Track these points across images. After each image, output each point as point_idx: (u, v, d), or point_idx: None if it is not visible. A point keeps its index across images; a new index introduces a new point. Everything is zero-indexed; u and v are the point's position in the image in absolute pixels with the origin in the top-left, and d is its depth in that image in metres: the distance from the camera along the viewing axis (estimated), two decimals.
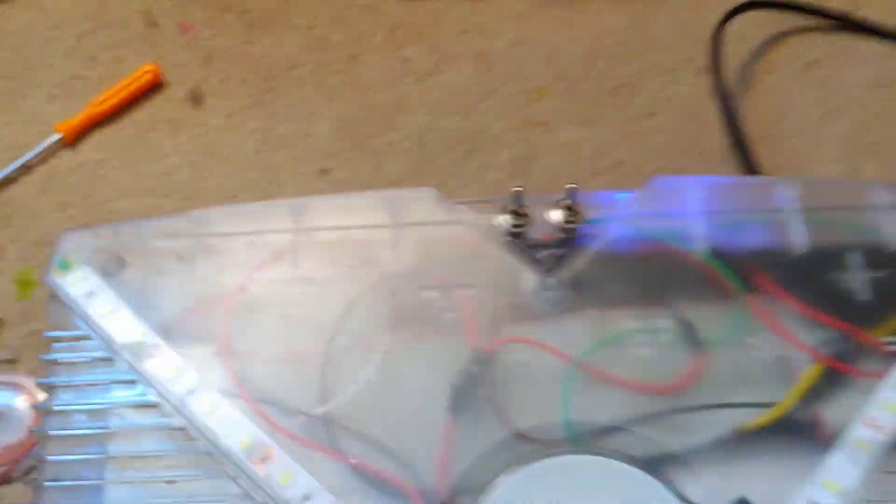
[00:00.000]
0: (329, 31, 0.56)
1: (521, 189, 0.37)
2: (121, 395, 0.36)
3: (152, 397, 0.35)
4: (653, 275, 0.37)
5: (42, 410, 0.36)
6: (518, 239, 0.37)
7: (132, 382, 0.35)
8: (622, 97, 0.53)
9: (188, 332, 0.36)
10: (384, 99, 0.54)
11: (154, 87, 0.54)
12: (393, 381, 0.35)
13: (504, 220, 0.37)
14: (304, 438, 0.34)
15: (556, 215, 0.37)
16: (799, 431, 0.35)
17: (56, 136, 0.52)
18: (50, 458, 0.35)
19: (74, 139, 0.53)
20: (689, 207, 0.38)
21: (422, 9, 0.57)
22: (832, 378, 0.35)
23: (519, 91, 0.54)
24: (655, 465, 0.34)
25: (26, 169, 0.52)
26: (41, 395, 0.43)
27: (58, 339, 0.37)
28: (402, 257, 0.37)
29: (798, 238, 0.37)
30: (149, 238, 0.38)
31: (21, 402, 0.45)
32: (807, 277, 0.37)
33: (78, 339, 0.36)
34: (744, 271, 0.37)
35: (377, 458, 0.34)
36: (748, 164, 0.48)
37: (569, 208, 0.37)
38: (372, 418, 0.35)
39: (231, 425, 0.34)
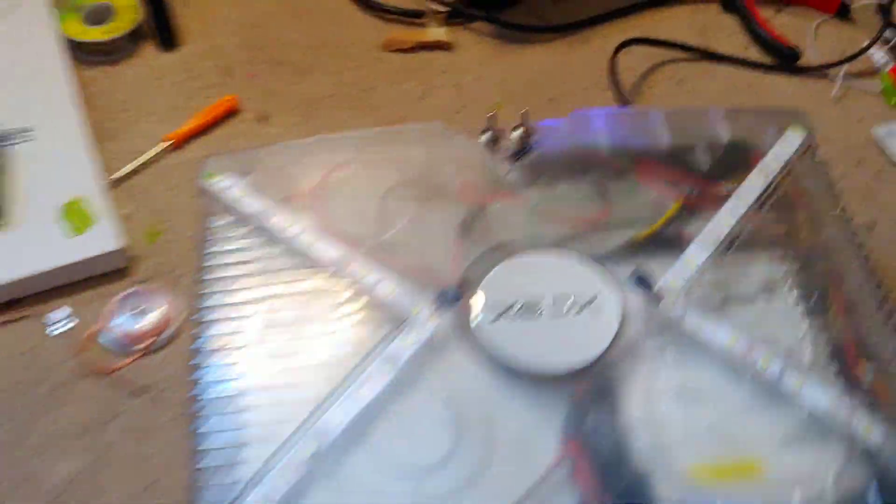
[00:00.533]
0: (351, 75, 0.81)
1: (493, 113, 0.60)
2: (254, 241, 0.57)
3: (274, 240, 0.56)
4: (576, 162, 0.60)
5: (202, 254, 0.57)
6: (494, 145, 0.60)
7: (261, 231, 0.57)
8: (553, 107, 0.78)
9: (293, 205, 0.58)
10: (391, 113, 0.78)
11: (232, 112, 0.78)
12: (422, 221, 0.57)
13: (485, 136, 0.61)
14: (371, 254, 0.55)
15: (517, 133, 0.61)
16: (670, 240, 0.57)
17: (165, 144, 0.75)
18: (212, 277, 0.55)
19: (180, 145, 0.75)
20: (598, 125, 0.61)
21: (415, 59, 0.82)
22: (690, 210, 0.58)
23: (483, 106, 0.78)
24: (587, 258, 0.55)
25: (145, 165, 0.74)
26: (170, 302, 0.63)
27: (209, 214, 0.58)
28: (423, 159, 0.60)
29: (665, 137, 0.61)
30: (263, 156, 0.60)
31: (162, 303, 0.65)
32: (672, 159, 0.60)
33: (221, 212, 0.58)
34: (632, 159, 0.60)
35: (415, 263, 0.55)
36: None
37: (524, 127, 0.61)
38: (410, 242, 0.56)
39: (326, 249, 0.55)
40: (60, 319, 0.66)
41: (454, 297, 0.54)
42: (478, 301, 0.54)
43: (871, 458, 0.49)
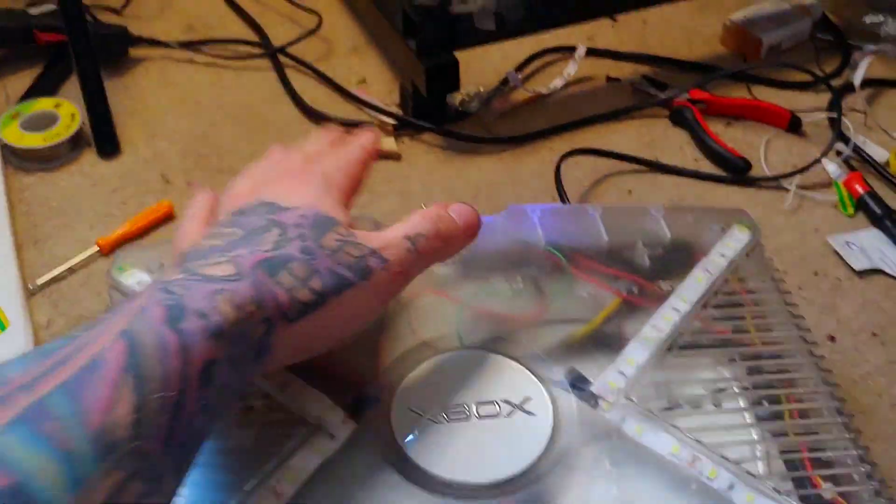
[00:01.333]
0: None
1: (425, 204, 0.57)
2: None
3: None
4: (512, 258, 0.57)
5: None
6: None
7: None
8: None
9: None
10: None
11: (168, 218, 0.75)
12: None
13: None
14: None
15: None
16: (609, 337, 0.53)
17: (95, 249, 0.72)
18: None
19: (109, 250, 0.72)
20: (534, 221, 0.59)
21: None
22: (630, 307, 0.54)
23: None
24: (519, 358, 0.51)
25: (71, 271, 0.71)
26: None
27: None
28: None
29: (603, 235, 0.58)
30: None
31: None
32: (611, 255, 0.57)
33: None
34: (570, 255, 0.57)
35: (329, 361, 0.50)
36: None
37: None
38: None
39: None
40: None
41: (371, 399, 0.49)
42: (397, 404, 0.49)
43: None
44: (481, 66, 0.89)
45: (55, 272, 0.70)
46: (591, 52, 0.91)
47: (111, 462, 0.31)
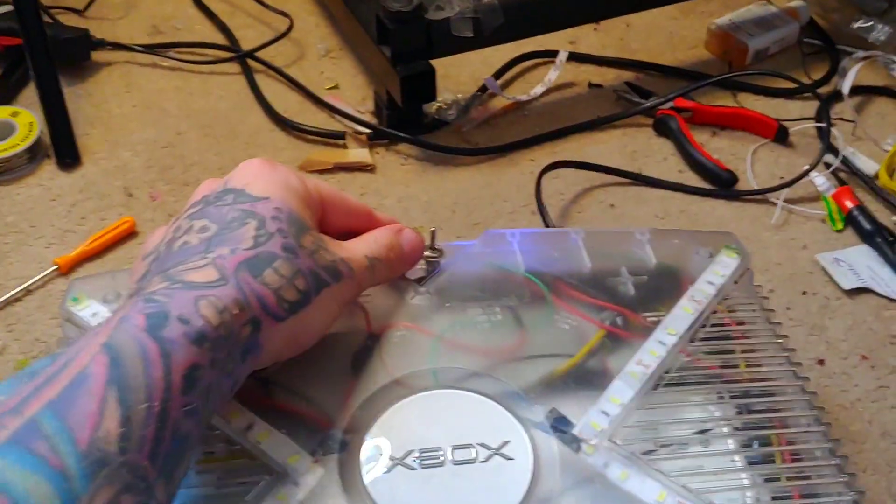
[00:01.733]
0: None
1: None
2: None
3: None
4: (490, 286, 0.54)
5: None
6: None
7: None
8: (478, 231, 0.73)
9: None
10: None
11: (130, 235, 0.72)
12: (307, 352, 0.50)
13: None
14: (243, 393, 0.48)
15: (424, 253, 0.55)
16: (592, 373, 0.50)
17: (53, 268, 0.68)
18: None
19: (68, 270, 0.69)
20: (513, 246, 0.56)
21: (333, 179, 0.77)
22: (614, 340, 0.52)
23: None
24: (497, 397, 0.49)
25: (28, 291, 0.67)
26: None
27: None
28: None
29: (586, 260, 0.55)
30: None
31: None
32: (594, 283, 0.54)
33: None
34: (551, 283, 0.54)
35: (294, 402, 0.48)
36: None
37: (433, 248, 0.55)
38: (291, 378, 0.49)
39: None
40: None
41: (340, 442, 0.46)
42: (368, 448, 0.46)
43: None
44: (458, 72, 0.86)
45: (11, 293, 0.67)
46: (573, 57, 0.88)
47: (102, 478, 0.31)
